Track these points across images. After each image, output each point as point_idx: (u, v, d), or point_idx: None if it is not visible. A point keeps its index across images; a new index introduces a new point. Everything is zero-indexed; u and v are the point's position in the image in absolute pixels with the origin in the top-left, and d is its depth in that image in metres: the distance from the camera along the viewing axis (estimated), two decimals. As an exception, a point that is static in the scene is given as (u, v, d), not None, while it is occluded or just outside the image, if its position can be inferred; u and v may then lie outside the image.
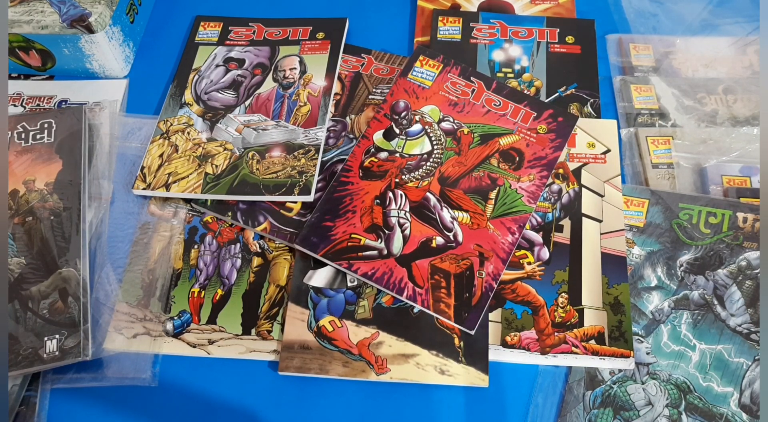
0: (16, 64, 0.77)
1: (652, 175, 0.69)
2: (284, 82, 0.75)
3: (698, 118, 0.73)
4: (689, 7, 0.84)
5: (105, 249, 0.64)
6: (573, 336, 0.59)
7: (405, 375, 0.58)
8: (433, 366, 0.58)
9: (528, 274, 0.62)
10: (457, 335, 0.59)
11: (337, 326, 0.60)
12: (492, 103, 0.71)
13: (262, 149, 0.69)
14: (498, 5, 0.84)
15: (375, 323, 0.60)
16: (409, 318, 0.60)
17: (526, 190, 0.66)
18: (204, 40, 0.80)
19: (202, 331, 0.61)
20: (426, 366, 0.58)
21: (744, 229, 0.64)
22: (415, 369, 0.58)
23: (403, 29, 0.84)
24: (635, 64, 0.79)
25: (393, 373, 0.58)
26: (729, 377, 0.58)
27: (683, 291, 0.62)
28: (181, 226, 0.67)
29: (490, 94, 0.72)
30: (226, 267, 0.65)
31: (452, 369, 0.58)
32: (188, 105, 0.73)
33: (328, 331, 0.60)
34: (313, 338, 0.59)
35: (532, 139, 0.69)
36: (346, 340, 0.59)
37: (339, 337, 0.59)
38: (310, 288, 0.62)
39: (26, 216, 0.64)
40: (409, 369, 0.58)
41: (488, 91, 0.72)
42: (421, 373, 0.58)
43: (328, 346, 0.59)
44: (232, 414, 0.58)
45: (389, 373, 0.58)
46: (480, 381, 0.57)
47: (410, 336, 0.59)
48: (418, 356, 0.58)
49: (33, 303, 0.59)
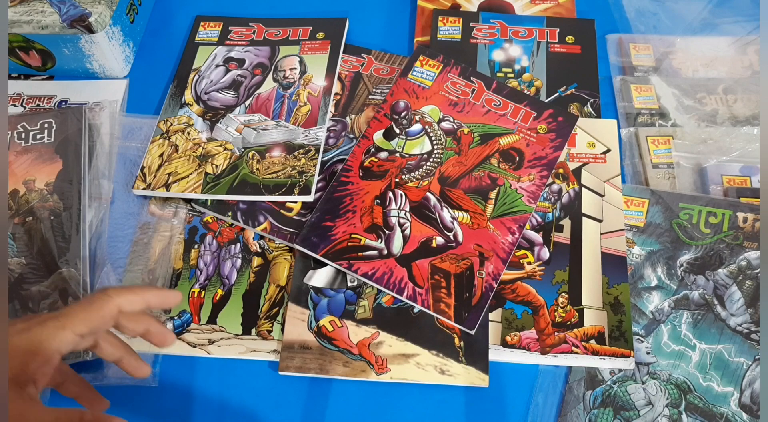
0: (16, 64, 0.77)
1: (652, 174, 0.69)
2: (284, 82, 0.75)
3: (698, 117, 0.73)
4: (689, 7, 0.83)
5: (105, 249, 0.64)
6: (573, 336, 0.59)
7: (405, 375, 0.57)
8: (434, 366, 0.58)
9: (528, 274, 0.62)
10: (457, 335, 0.59)
11: (337, 326, 0.60)
12: (492, 102, 0.71)
13: (262, 149, 0.69)
14: (498, 5, 0.84)
15: (375, 323, 0.60)
16: (409, 318, 0.60)
17: (526, 189, 0.66)
18: (204, 40, 0.80)
19: (202, 331, 0.61)
20: (426, 366, 0.58)
21: (744, 229, 0.64)
22: (416, 369, 0.58)
23: (403, 29, 0.84)
24: (635, 63, 0.78)
25: (393, 373, 0.58)
26: (729, 377, 0.58)
27: (683, 291, 0.62)
28: (181, 226, 0.67)
29: (490, 94, 0.72)
30: (226, 267, 0.65)
31: (452, 369, 0.58)
32: (188, 105, 0.73)
33: (328, 331, 0.60)
34: (313, 338, 0.59)
35: (533, 138, 0.69)
36: (346, 340, 0.59)
37: (339, 337, 0.59)
38: (310, 288, 0.62)
39: (26, 216, 0.64)
40: (409, 369, 0.58)
41: (488, 90, 0.72)
42: (421, 373, 0.57)
43: (328, 346, 0.59)
44: (232, 414, 0.58)
45: (389, 373, 0.57)
46: (480, 381, 0.57)
47: (410, 336, 0.59)
48: (418, 356, 0.58)
49: (33, 303, 0.59)
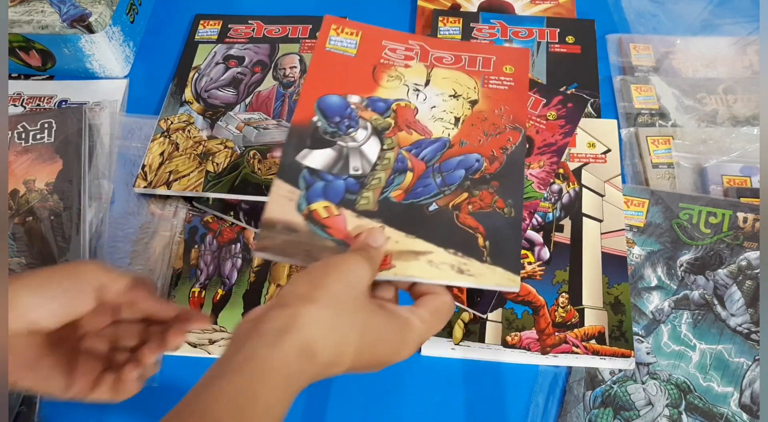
0: (16, 64, 0.77)
1: (653, 174, 0.69)
2: (284, 80, 0.75)
3: (698, 118, 0.73)
4: (689, 7, 0.84)
5: (105, 249, 0.64)
6: (573, 336, 0.59)
7: (413, 271, 0.46)
8: (450, 265, 0.47)
9: (528, 274, 0.62)
10: (482, 234, 0.48)
11: (332, 213, 0.49)
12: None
13: (264, 149, 0.69)
14: (498, 5, 0.84)
15: (380, 217, 0.49)
16: (422, 214, 0.49)
17: (536, 176, 0.66)
18: (204, 38, 0.80)
19: (202, 331, 0.61)
20: (440, 265, 0.47)
21: (744, 229, 0.64)
22: (427, 266, 0.46)
23: (403, 29, 0.84)
24: (635, 64, 0.79)
25: (398, 269, 0.46)
26: (729, 377, 0.58)
27: (683, 291, 0.62)
28: (181, 226, 0.67)
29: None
30: (227, 267, 0.65)
31: (474, 268, 0.47)
32: (188, 103, 0.73)
33: (321, 217, 0.49)
34: (301, 220, 0.48)
35: (542, 125, 0.69)
36: (342, 230, 0.48)
37: (333, 226, 0.48)
38: (303, 167, 0.51)
39: (26, 216, 0.64)
40: (419, 266, 0.46)
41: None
42: (433, 271, 0.46)
43: (319, 233, 0.48)
44: (232, 413, 0.58)
45: (393, 269, 0.46)
46: (509, 282, 0.46)
47: (422, 234, 0.48)
48: (431, 254, 0.47)
49: (33, 303, 0.59)
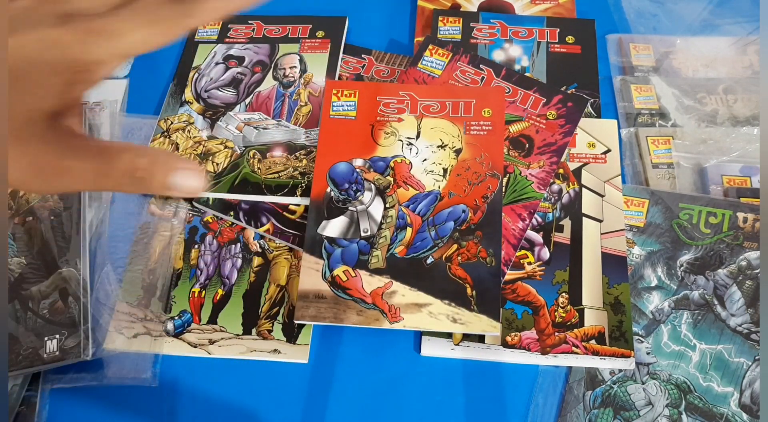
0: (15, 63, 0.77)
1: (652, 175, 0.69)
2: (284, 80, 0.75)
3: (698, 118, 0.73)
4: (689, 7, 0.84)
5: (105, 249, 0.64)
6: (573, 336, 0.59)
7: (418, 323, 0.58)
8: (446, 315, 0.58)
9: (528, 274, 0.63)
10: (469, 284, 0.60)
11: (351, 275, 0.60)
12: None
13: (264, 148, 0.69)
14: (498, 5, 0.84)
15: (388, 273, 0.60)
16: (422, 268, 0.61)
17: (536, 176, 0.66)
18: (203, 38, 0.79)
19: (202, 331, 0.61)
20: (438, 315, 0.58)
21: (744, 229, 0.64)
22: (428, 317, 0.58)
23: (403, 29, 0.83)
24: (635, 64, 0.78)
25: (406, 322, 0.58)
26: (729, 377, 0.58)
27: (683, 291, 0.62)
28: (181, 226, 0.67)
29: (499, 81, 0.72)
30: (227, 267, 0.65)
31: (465, 317, 0.58)
32: (188, 103, 0.73)
33: (342, 281, 0.60)
34: (327, 287, 0.60)
35: (542, 125, 0.69)
36: (360, 289, 0.60)
37: (353, 286, 0.60)
38: (323, 238, 0.62)
39: (26, 216, 0.64)
40: (422, 318, 0.58)
41: (497, 78, 0.72)
42: (434, 322, 0.58)
43: (342, 296, 0.59)
44: (232, 414, 0.58)
45: (403, 322, 0.58)
46: (491, 328, 0.58)
47: (423, 286, 0.60)
48: (431, 305, 0.59)
49: (33, 303, 0.59)
